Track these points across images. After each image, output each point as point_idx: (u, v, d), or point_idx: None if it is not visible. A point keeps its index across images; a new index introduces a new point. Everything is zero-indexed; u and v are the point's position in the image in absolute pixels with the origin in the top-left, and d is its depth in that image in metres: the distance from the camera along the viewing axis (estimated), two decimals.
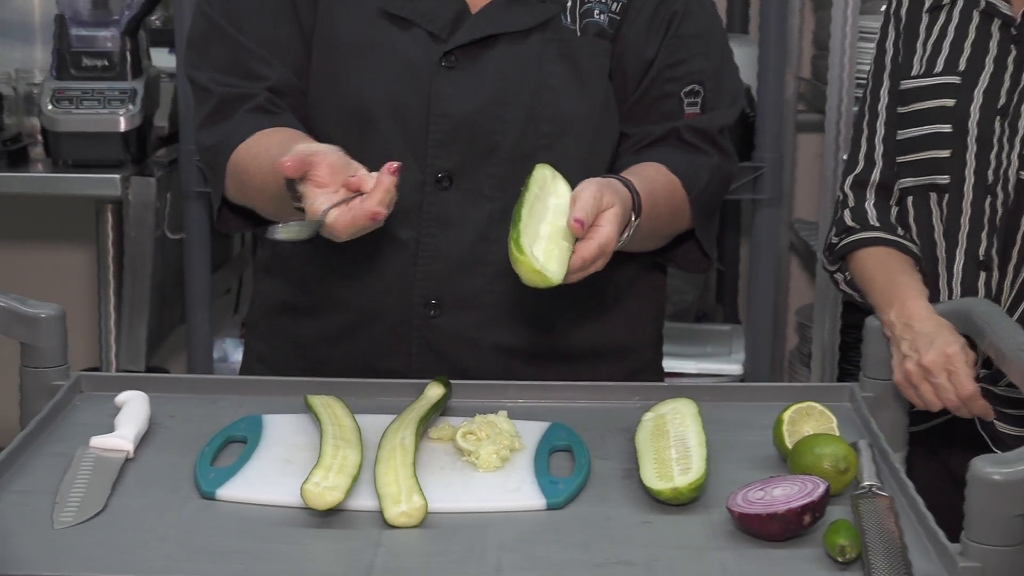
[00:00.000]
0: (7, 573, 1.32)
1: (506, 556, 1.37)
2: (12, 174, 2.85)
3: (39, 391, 1.73)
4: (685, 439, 1.57)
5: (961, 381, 1.69)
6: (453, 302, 1.86)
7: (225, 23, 1.88)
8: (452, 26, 1.84)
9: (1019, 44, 1.82)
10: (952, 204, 1.86)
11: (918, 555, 1.35)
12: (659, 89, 1.90)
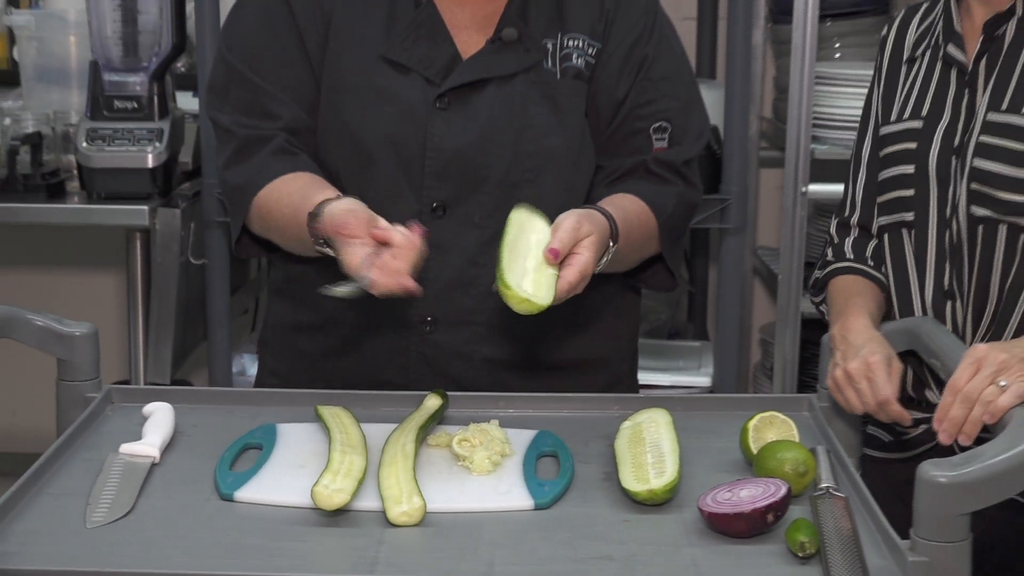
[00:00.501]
0: (45, 568, 1.32)
1: (498, 552, 1.37)
2: (50, 206, 2.85)
3: (74, 402, 1.73)
4: (660, 445, 1.57)
5: (879, 387, 1.69)
6: (447, 319, 1.86)
7: (243, 68, 1.88)
8: (445, 71, 1.85)
9: (971, 88, 1.82)
10: (919, 239, 1.86)
11: (871, 551, 1.35)
12: (630, 126, 1.90)
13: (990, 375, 1.53)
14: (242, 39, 1.91)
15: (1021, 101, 1.77)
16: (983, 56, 1.81)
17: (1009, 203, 1.76)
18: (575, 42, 1.88)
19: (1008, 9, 1.79)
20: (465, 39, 1.87)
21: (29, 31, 3.11)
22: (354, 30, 1.87)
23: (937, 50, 1.87)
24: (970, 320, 1.82)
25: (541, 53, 1.87)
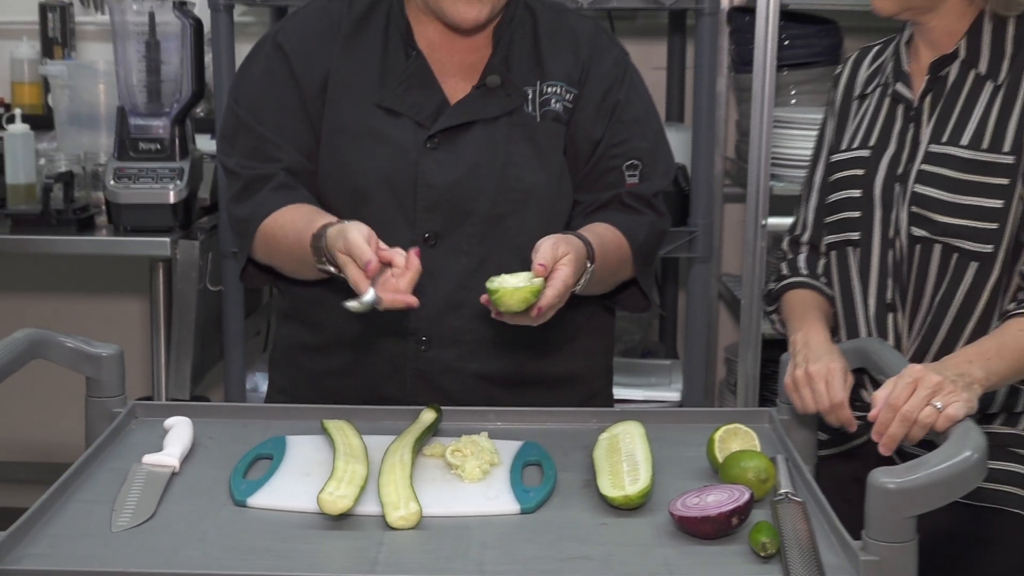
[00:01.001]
0: (73, 569, 1.31)
1: (487, 553, 1.36)
2: (81, 238, 2.85)
3: (101, 417, 1.72)
4: (634, 454, 1.56)
5: (835, 390, 1.68)
6: (440, 338, 1.86)
7: (248, 117, 1.89)
8: (435, 115, 1.86)
9: (916, 122, 1.83)
10: (863, 256, 1.86)
11: (827, 550, 1.35)
12: (605, 164, 1.91)
13: (926, 396, 1.52)
14: (247, 92, 1.92)
15: (960, 134, 1.78)
16: (928, 93, 1.82)
17: (945, 225, 1.77)
18: (554, 88, 1.89)
19: (952, 52, 1.80)
20: (452, 86, 1.88)
21: (62, 80, 3.11)
22: (350, 80, 1.88)
23: (887, 88, 1.88)
24: (912, 332, 1.83)
25: (522, 98, 1.88)
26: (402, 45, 1.89)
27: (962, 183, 1.76)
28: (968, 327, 1.79)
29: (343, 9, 1.91)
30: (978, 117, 1.78)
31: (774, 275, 1.99)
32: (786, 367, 1.80)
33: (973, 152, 1.76)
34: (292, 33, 1.91)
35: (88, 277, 3.64)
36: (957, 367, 1.59)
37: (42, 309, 3.62)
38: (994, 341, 1.67)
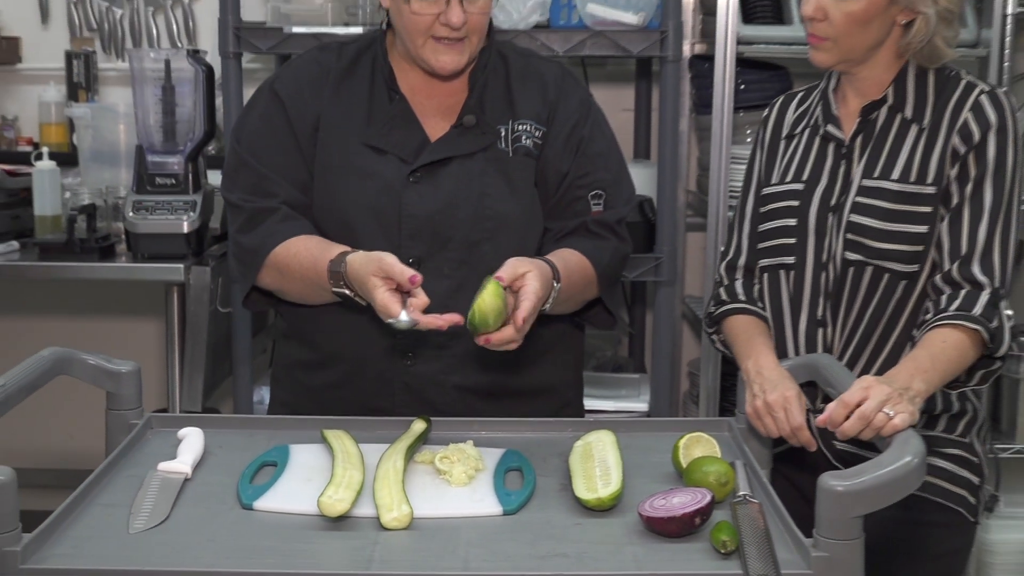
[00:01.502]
0: (93, 568, 1.30)
1: (472, 551, 1.36)
2: (102, 264, 2.84)
3: (120, 428, 1.71)
4: (606, 460, 1.56)
5: (794, 417, 1.69)
6: (424, 354, 1.86)
7: (248, 157, 1.90)
8: (416, 152, 1.87)
9: (847, 159, 1.84)
10: (797, 279, 1.87)
11: (781, 547, 1.35)
12: (572, 194, 1.92)
13: (879, 404, 1.53)
14: (247, 134, 1.93)
15: (889, 169, 1.80)
16: (859, 134, 1.84)
17: (877, 249, 1.79)
18: (524, 127, 1.90)
19: (881, 98, 1.83)
20: (432, 125, 1.89)
21: (86, 121, 3.11)
22: (340, 122, 1.89)
23: (816, 129, 1.89)
24: (839, 344, 1.84)
25: (495, 136, 1.89)
26: (386, 89, 1.90)
27: (893, 212, 1.78)
28: (892, 338, 1.82)
29: (332, 58, 1.93)
30: (905, 154, 1.80)
31: (713, 300, 1.99)
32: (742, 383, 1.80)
33: (902, 185, 1.78)
34: (287, 81, 1.93)
35: (109, 300, 3.63)
36: (902, 381, 1.60)
37: (66, 329, 3.60)
38: (926, 354, 1.67)
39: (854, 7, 1.73)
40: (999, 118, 1.76)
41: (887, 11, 1.74)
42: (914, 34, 1.76)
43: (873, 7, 1.73)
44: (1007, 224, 1.75)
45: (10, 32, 3.47)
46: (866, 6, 1.73)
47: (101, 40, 3.45)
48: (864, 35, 1.76)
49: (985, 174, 1.76)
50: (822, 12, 1.75)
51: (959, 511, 1.84)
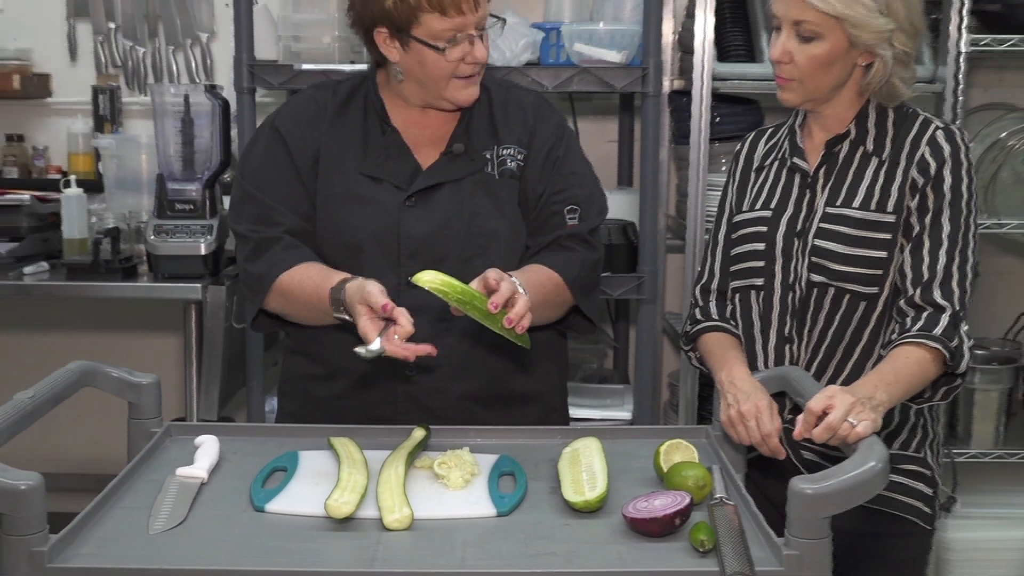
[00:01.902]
0: (116, 567, 1.29)
1: (468, 550, 1.36)
2: (125, 283, 2.84)
3: (141, 435, 1.71)
4: (592, 465, 1.56)
5: (765, 426, 1.69)
6: (424, 364, 1.85)
7: (252, 189, 1.91)
8: (410, 179, 1.88)
9: (812, 189, 1.85)
10: (766, 299, 1.87)
11: (755, 546, 1.35)
12: (549, 209, 1.93)
13: (843, 413, 1.53)
14: (251, 168, 1.93)
15: (852, 198, 1.80)
16: (823, 166, 1.85)
17: (840, 272, 1.79)
18: (508, 151, 1.92)
19: (844, 133, 1.83)
20: (423, 154, 1.90)
21: (111, 150, 3.11)
22: (338, 154, 1.90)
23: (784, 161, 1.90)
24: (805, 359, 1.84)
25: (482, 161, 1.91)
26: (379, 123, 1.91)
27: (854, 238, 1.78)
28: (855, 354, 1.82)
29: (328, 96, 1.94)
30: (866, 185, 1.80)
31: (689, 320, 1.99)
32: (718, 392, 1.80)
33: (863, 212, 1.79)
34: (286, 118, 1.93)
35: (131, 317, 3.62)
36: (866, 391, 1.60)
37: (92, 344, 3.60)
38: (890, 368, 1.67)
39: (817, 51, 1.74)
40: (954, 152, 1.77)
41: (848, 54, 1.75)
42: (873, 75, 1.77)
43: (835, 51, 1.74)
44: (964, 251, 1.76)
45: (41, 69, 3.47)
46: (828, 50, 1.74)
47: (125, 76, 3.45)
48: (827, 76, 1.77)
49: (943, 205, 1.76)
50: (788, 55, 1.76)
51: (916, 521, 1.85)
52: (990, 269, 3.42)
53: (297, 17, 2.82)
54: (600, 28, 2.78)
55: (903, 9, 1.74)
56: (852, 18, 1.71)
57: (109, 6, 3.42)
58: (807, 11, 1.72)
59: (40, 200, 3.04)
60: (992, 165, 2.99)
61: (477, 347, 1.87)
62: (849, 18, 1.71)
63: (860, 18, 1.71)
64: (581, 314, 1.96)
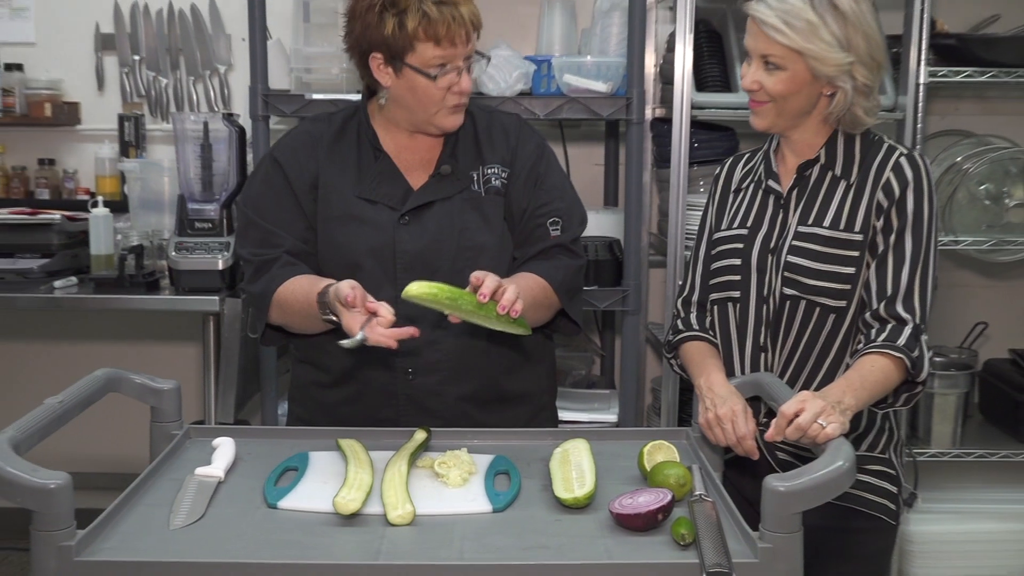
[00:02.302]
0: (138, 559, 1.29)
1: (466, 543, 1.35)
2: (148, 296, 2.84)
3: (162, 437, 1.71)
4: (581, 464, 1.56)
5: (740, 428, 1.69)
6: (422, 369, 1.86)
7: (254, 216, 1.92)
8: (403, 199, 1.89)
9: (785, 209, 1.85)
10: (742, 310, 1.87)
11: (732, 540, 1.34)
12: (533, 222, 1.94)
13: (814, 415, 1.53)
14: (252, 197, 1.94)
15: (822, 218, 1.80)
16: (795, 188, 1.85)
17: (811, 286, 1.79)
18: (492, 170, 1.93)
19: (815, 158, 1.84)
20: (414, 176, 1.91)
21: (136, 173, 3.11)
22: (335, 180, 1.91)
23: (759, 184, 1.90)
24: (779, 367, 1.84)
25: (469, 180, 1.92)
26: (371, 149, 1.92)
27: (824, 255, 1.79)
28: (826, 363, 1.81)
29: (323, 127, 1.96)
30: (835, 205, 1.81)
31: (671, 330, 1.99)
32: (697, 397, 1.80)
33: (833, 231, 1.79)
34: (284, 149, 1.94)
35: (153, 328, 3.61)
36: (835, 396, 1.60)
37: (117, 353, 3.59)
38: (857, 375, 1.68)
39: (782, 80, 1.76)
40: (916, 178, 1.78)
41: (812, 84, 1.76)
42: (835, 104, 1.78)
43: (798, 81, 1.75)
44: (925, 269, 1.77)
45: (71, 98, 3.47)
46: (792, 80, 1.75)
47: (149, 105, 3.45)
48: (794, 103, 1.78)
49: (905, 226, 1.77)
50: (758, 84, 1.78)
51: (881, 517, 1.84)
52: (948, 283, 3.43)
53: (308, 50, 2.82)
54: (587, 61, 2.79)
55: (863, 44, 1.74)
56: (813, 52, 1.72)
57: (134, 40, 3.42)
58: (773, 45, 1.74)
59: (70, 219, 3.03)
60: (949, 187, 3.00)
61: (471, 352, 1.87)
62: (810, 52, 1.72)
63: (820, 52, 1.72)
64: (567, 317, 1.97)
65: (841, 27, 1.72)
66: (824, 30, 1.71)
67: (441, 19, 1.77)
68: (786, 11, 1.72)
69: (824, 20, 1.72)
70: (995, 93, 3.41)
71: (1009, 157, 3.01)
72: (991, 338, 3.38)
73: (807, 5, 1.72)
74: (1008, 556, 3.04)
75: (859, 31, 1.73)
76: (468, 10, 1.80)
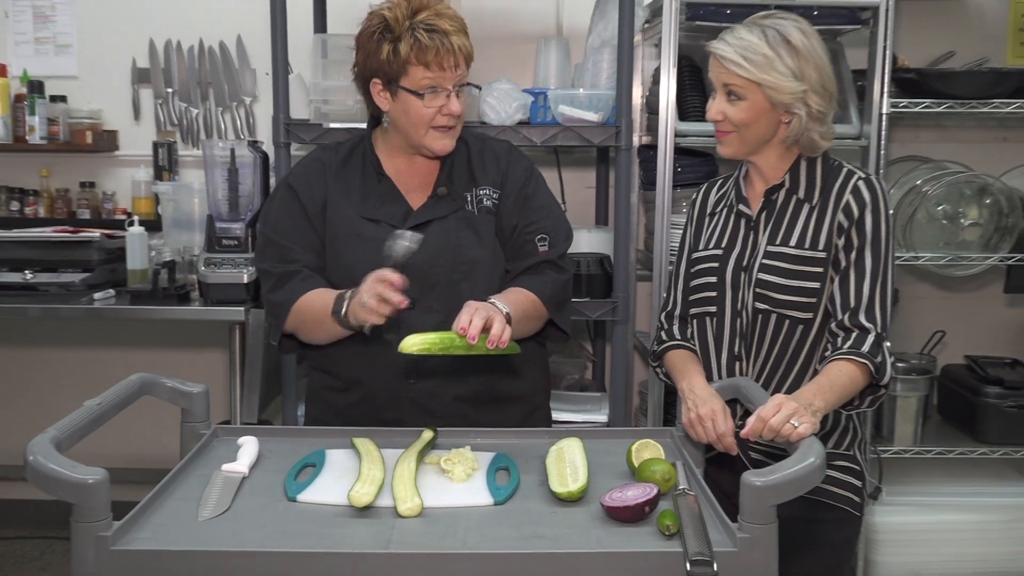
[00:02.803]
0: (169, 548, 1.28)
1: (470, 533, 1.35)
2: (180, 307, 2.83)
3: (192, 436, 1.70)
4: (575, 461, 1.55)
5: (719, 427, 1.69)
6: (423, 373, 1.86)
7: (272, 234, 1.92)
8: (403, 219, 1.89)
9: (755, 231, 1.85)
10: (718, 323, 1.87)
11: (713, 530, 1.34)
12: (522, 238, 1.93)
13: (787, 416, 1.53)
14: (271, 219, 1.94)
15: (789, 238, 1.81)
16: (763, 211, 1.85)
17: (780, 300, 1.79)
18: (484, 191, 1.93)
19: (780, 183, 1.84)
20: (414, 197, 1.92)
21: (168, 195, 3.11)
22: (341, 202, 1.91)
23: (731, 208, 1.91)
24: (752, 374, 1.84)
25: (463, 201, 1.92)
26: (374, 173, 1.93)
27: (792, 271, 1.79)
28: (795, 369, 1.81)
29: (331, 156, 1.97)
30: (800, 226, 1.81)
31: (655, 341, 1.99)
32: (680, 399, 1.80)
33: (798, 250, 1.79)
34: (298, 176, 1.96)
35: (184, 336, 3.61)
36: (806, 399, 1.60)
37: (150, 359, 3.58)
38: (826, 379, 1.68)
39: (743, 109, 1.77)
40: (873, 199, 1.78)
41: (771, 112, 1.77)
42: (791, 130, 1.79)
43: (758, 109, 1.76)
44: (884, 282, 1.77)
45: (110, 127, 3.48)
46: (752, 109, 1.76)
47: (180, 133, 3.46)
48: (755, 130, 1.79)
49: (865, 244, 1.77)
50: (722, 115, 1.79)
51: (848, 509, 1.84)
52: (908, 295, 3.43)
53: (326, 84, 2.83)
54: (580, 93, 2.79)
55: (815, 74, 1.76)
56: (769, 83, 1.73)
57: (168, 74, 3.43)
58: (732, 76, 1.75)
59: (108, 237, 3.03)
60: (909, 208, 3.00)
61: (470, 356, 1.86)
62: (767, 82, 1.73)
63: (776, 83, 1.73)
64: (556, 326, 1.96)
65: (794, 59, 1.74)
66: (779, 62, 1.73)
67: (431, 46, 1.78)
68: (744, 47, 1.73)
69: (778, 53, 1.73)
70: (951, 122, 3.42)
71: (964, 181, 3.01)
72: (948, 345, 3.38)
73: (763, 41, 1.74)
74: (965, 544, 3.04)
75: (810, 63, 1.75)
76: (459, 41, 1.80)
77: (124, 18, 3.44)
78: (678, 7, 2.75)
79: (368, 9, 1.88)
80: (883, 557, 3.05)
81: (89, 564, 1.25)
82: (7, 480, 3.62)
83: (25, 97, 3.32)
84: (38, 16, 3.45)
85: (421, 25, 1.79)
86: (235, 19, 3.41)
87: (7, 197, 3.44)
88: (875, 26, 2.81)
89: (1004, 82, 2.90)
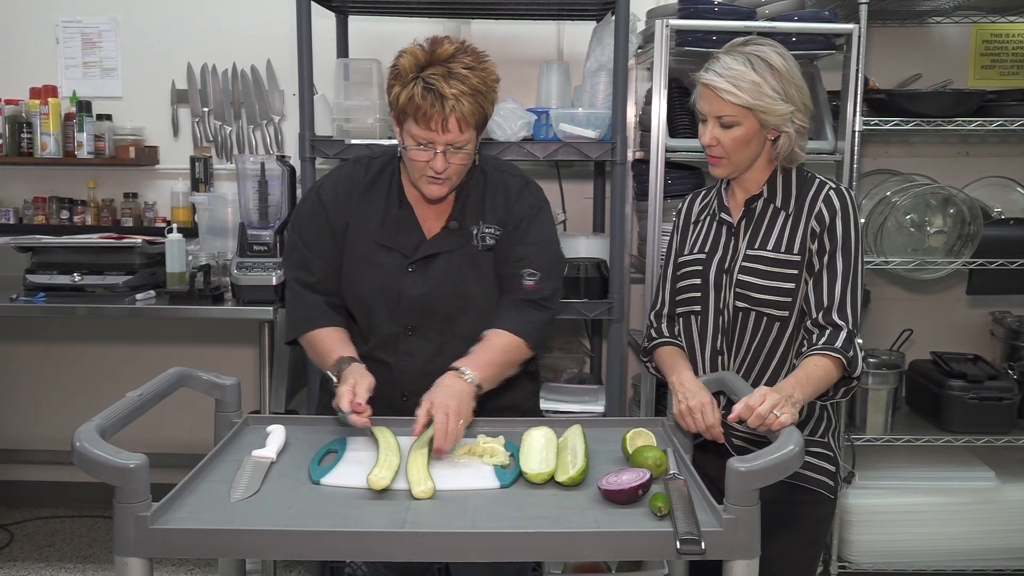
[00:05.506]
0: (204, 527, 1.28)
1: (478, 513, 1.35)
2: (214, 307, 2.83)
3: (224, 425, 1.70)
4: (575, 447, 1.55)
5: (708, 417, 1.68)
6: (416, 394, 1.75)
7: (299, 242, 1.88)
8: (415, 248, 1.83)
9: (735, 237, 1.85)
10: (702, 321, 1.87)
11: (701, 512, 1.34)
12: (509, 270, 1.85)
13: (770, 406, 1.52)
14: (300, 225, 1.89)
15: (767, 243, 1.80)
16: (743, 219, 1.84)
17: (759, 299, 1.78)
18: (488, 229, 1.86)
19: (759, 193, 1.83)
20: (429, 226, 1.86)
21: (204, 205, 3.11)
22: (362, 225, 1.86)
23: (714, 216, 1.90)
24: (733, 368, 1.83)
25: (469, 236, 1.85)
26: (396, 199, 1.87)
27: (769, 273, 1.78)
28: (773, 363, 1.81)
29: (362, 172, 1.90)
30: (776, 232, 1.80)
31: (646, 338, 1.98)
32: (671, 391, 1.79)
33: (775, 254, 1.79)
34: (328, 188, 1.89)
35: (218, 333, 3.61)
36: (786, 391, 1.60)
37: (187, 354, 3.58)
38: (803, 373, 1.67)
39: (737, 134, 1.76)
40: (843, 207, 1.78)
41: (761, 132, 1.76)
42: (781, 147, 1.78)
43: (750, 132, 1.75)
44: (855, 283, 1.76)
45: (151, 143, 3.48)
46: (745, 132, 1.75)
47: (216, 148, 3.46)
48: (747, 152, 1.78)
49: (836, 248, 1.76)
50: (715, 140, 1.78)
51: (823, 492, 1.83)
52: (879, 296, 3.42)
53: (347, 103, 2.83)
54: (579, 112, 2.79)
55: (797, 94, 1.75)
56: (760, 107, 1.72)
57: (204, 95, 3.43)
58: (726, 107, 1.74)
59: (149, 243, 3.03)
60: (880, 216, 2.99)
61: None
62: (758, 107, 1.72)
63: (766, 106, 1.72)
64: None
65: (778, 81, 1.73)
66: (766, 86, 1.72)
67: (422, 105, 1.66)
68: (733, 76, 1.72)
69: (764, 78, 1.72)
70: (918, 139, 3.41)
71: (930, 192, 3.00)
72: (915, 342, 3.37)
73: (748, 68, 1.72)
74: (930, 524, 3.03)
75: (792, 83, 1.74)
76: (455, 105, 1.67)
77: (164, 44, 3.44)
78: (669, 34, 2.74)
79: (392, 43, 1.82)
80: (856, 536, 3.04)
81: (130, 541, 1.25)
82: (57, 464, 3.63)
83: (74, 116, 3.33)
84: (86, 42, 3.45)
85: (423, 81, 1.67)
86: (265, 45, 3.41)
87: (58, 207, 3.45)
88: (848, 51, 2.81)
89: (966, 102, 2.90)
